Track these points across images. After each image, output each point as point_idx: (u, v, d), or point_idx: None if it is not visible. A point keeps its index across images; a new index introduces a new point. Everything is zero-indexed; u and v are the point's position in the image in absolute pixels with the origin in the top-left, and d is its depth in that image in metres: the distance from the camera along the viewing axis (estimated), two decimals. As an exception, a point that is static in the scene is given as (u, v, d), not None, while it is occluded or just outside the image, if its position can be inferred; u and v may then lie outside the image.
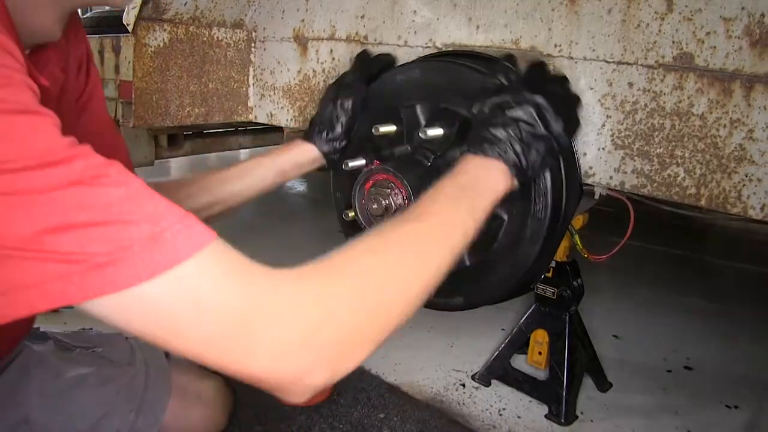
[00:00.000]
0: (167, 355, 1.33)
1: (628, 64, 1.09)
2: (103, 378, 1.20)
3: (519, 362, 2.17)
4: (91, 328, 2.07)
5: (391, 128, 1.22)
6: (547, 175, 1.04)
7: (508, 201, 1.00)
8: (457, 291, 1.18)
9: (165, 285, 0.56)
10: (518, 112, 0.93)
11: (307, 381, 0.64)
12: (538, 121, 0.93)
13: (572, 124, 1.05)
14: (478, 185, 0.89)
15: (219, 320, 0.58)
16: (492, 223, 1.10)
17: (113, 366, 1.24)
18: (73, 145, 0.57)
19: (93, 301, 0.54)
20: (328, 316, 0.64)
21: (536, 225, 1.08)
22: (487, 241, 1.13)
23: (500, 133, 0.92)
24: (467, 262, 1.16)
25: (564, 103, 1.01)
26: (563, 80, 1.11)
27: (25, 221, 0.52)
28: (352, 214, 1.23)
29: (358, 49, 1.51)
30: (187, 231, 0.58)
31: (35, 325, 1.20)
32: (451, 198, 0.85)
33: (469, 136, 0.98)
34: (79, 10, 1.10)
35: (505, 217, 1.12)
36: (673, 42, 1.04)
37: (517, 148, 0.92)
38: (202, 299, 0.58)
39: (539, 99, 0.94)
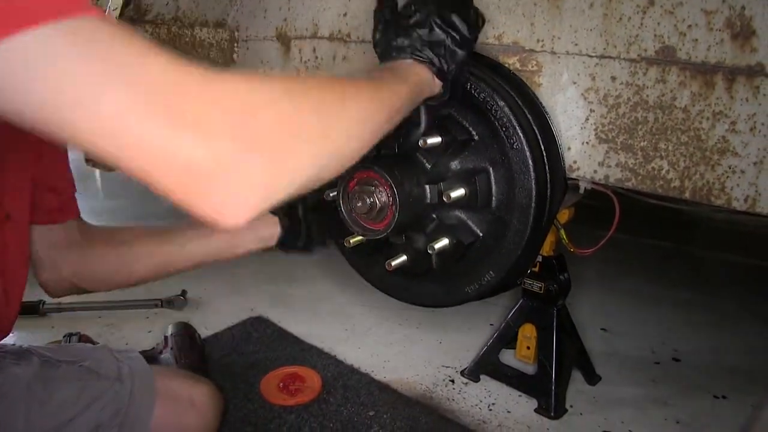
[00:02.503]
0: (150, 361, 1.31)
1: (611, 58, 1.09)
2: (91, 397, 1.18)
3: (508, 357, 2.17)
4: (78, 333, 2.06)
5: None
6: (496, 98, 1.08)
7: (487, 151, 1.11)
8: (486, 267, 1.17)
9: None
10: (416, 20, 0.98)
11: (243, 168, 0.56)
12: (436, 24, 0.97)
13: (472, 19, 1.03)
14: (394, 72, 0.93)
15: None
16: (482, 179, 1.12)
17: (100, 380, 1.21)
18: None
19: None
20: (268, 98, 0.60)
21: (522, 162, 1.09)
22: (485, 200, 1.14)
23: (403, 41, 0.97)
24: (480, 233, 1.16)
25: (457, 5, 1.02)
26: None
27: None
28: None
29: (342, 47, 1.50)
30: None
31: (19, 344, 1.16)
32: (372, 78, 0.87)
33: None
34: None
35: (490, 168, 1.13)
36: (655, 35, 1.04)
37: (428, 50, 0.97)
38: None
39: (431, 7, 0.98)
